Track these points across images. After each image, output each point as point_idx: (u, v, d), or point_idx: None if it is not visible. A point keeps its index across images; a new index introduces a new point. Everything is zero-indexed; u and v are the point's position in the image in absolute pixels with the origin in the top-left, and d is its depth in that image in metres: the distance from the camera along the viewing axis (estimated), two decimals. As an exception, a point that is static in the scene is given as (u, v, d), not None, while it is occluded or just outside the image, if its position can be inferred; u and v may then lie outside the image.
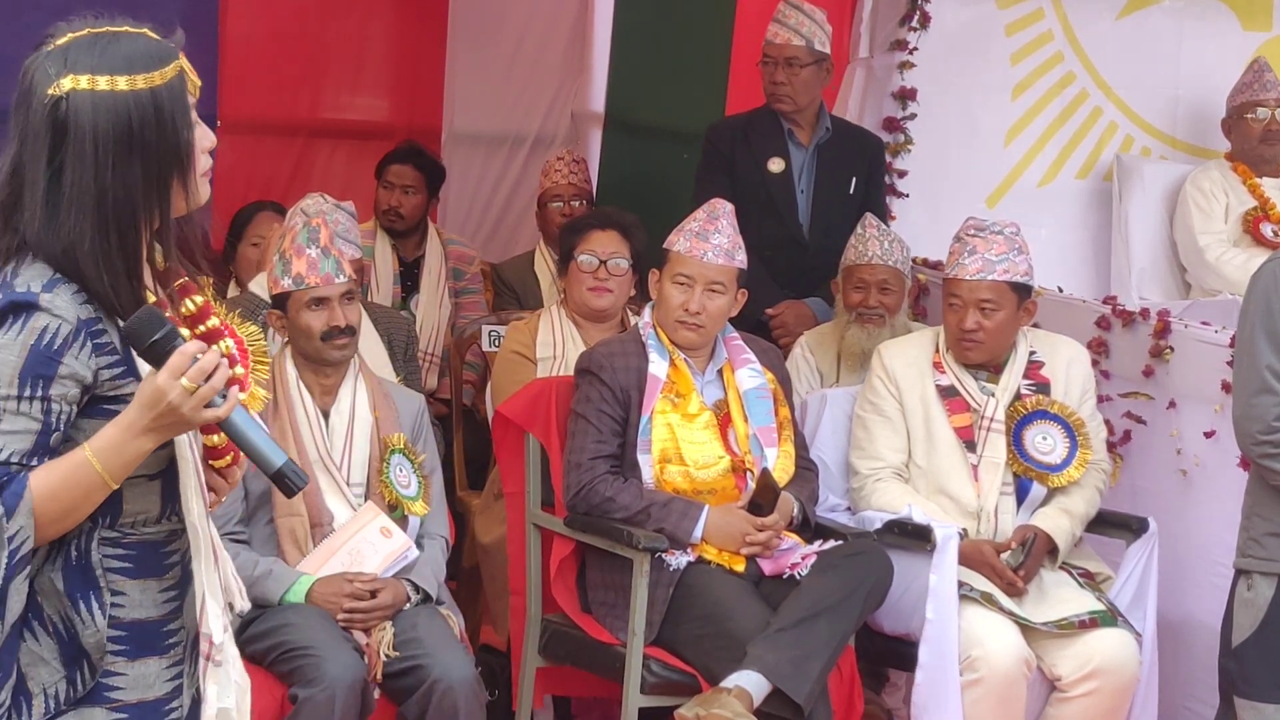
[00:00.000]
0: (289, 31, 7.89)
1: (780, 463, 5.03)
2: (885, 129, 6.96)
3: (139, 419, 2.51)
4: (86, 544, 2.59)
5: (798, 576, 4.86)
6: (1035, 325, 5.40)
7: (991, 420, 5.16)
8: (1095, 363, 5.57)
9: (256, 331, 2.78)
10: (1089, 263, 7.34)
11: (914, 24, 6.94)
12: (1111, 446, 5.51)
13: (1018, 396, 5.20)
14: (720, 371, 5.14)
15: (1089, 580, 5.12)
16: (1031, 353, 5.26)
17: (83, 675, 2.59)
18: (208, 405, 2.51)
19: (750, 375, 5.12)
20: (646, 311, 5.20)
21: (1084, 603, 5.02)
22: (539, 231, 7.08)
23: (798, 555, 4.91)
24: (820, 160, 6.39)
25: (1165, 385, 5.53)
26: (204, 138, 2.65)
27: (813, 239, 6.35)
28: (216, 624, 2.65)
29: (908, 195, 6.96)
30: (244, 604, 2.79)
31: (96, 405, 2.57)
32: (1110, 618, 4.98)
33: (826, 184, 6.37)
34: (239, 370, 2.66)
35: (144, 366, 2.55)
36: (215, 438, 2.65)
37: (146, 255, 2.64)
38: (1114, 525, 5.24)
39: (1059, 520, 5.10)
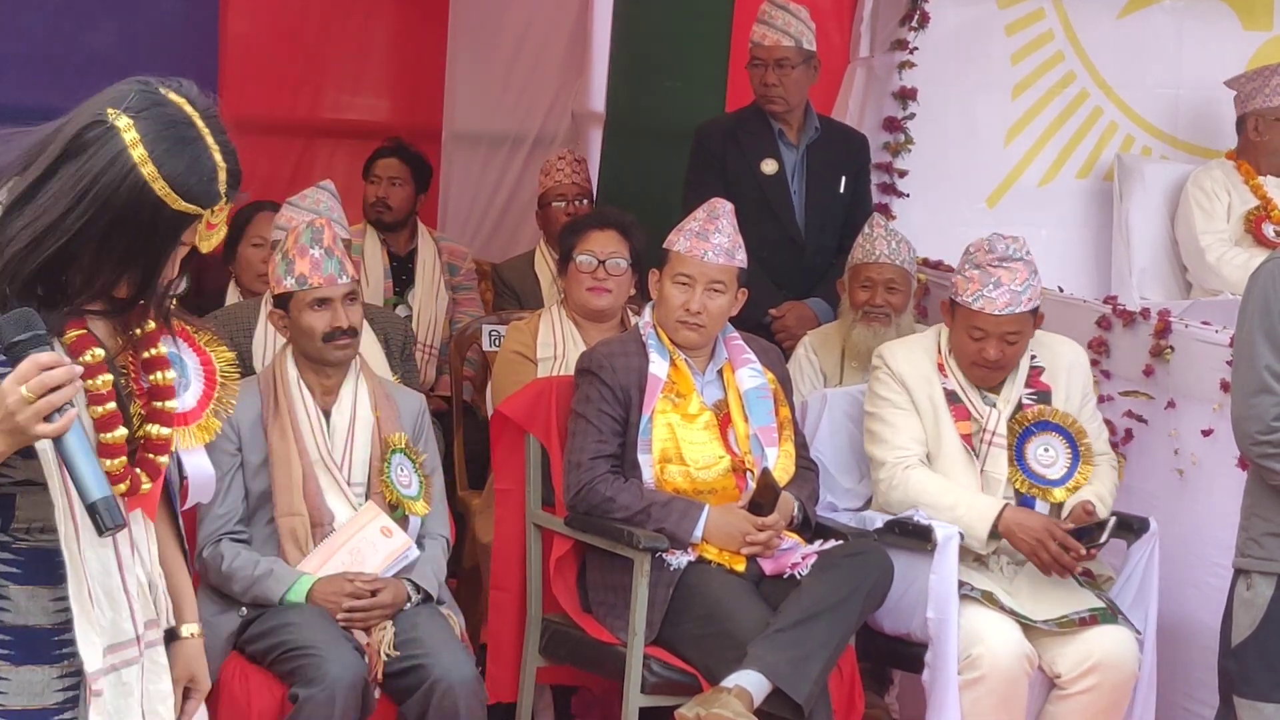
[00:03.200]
0: (289, 31, 7.91)
1: (781, 462, 5.03)
2: (886, 129, 6.96)
3: None
4: None
5: (798, 576, 4.86)
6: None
7: (993, 434, 5.11)
8: (1095, 362, 5.57)
9: (232, 361, 2.76)
10: (1089, 262, 7.34)
11: (914, 24, 6.94)
12: (1113, 446, 5.51)
13: (1019, 407, 5.16)
14: (720, 371, 5.14)
15: (1089, 580, 5.11)
16: (1032, 357, 5.22)
17: None
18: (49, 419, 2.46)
19: (751, 375, 5.12)
20: (647, 311, 5.20)
21: (1084, 600, 5.01)
22: (540, 231, 7.08)
23: (798, 555, 4.91)
24: (811, 160, 6.39)
25: (1165, 385, 5.53)
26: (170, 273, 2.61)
27: (809, 239, 6.36)
28: (90, 652, 2.58)
29: (908, 195, 6.97)
30: (170, 623, 2.75)
31: None
32: (1110, 615, 4.98)
33: (818, 184, 6.38)
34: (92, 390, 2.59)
35: None
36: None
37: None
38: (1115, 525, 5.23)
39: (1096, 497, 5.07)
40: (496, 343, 6.02)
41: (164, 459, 2.66)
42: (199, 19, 7.68)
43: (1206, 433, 5.33)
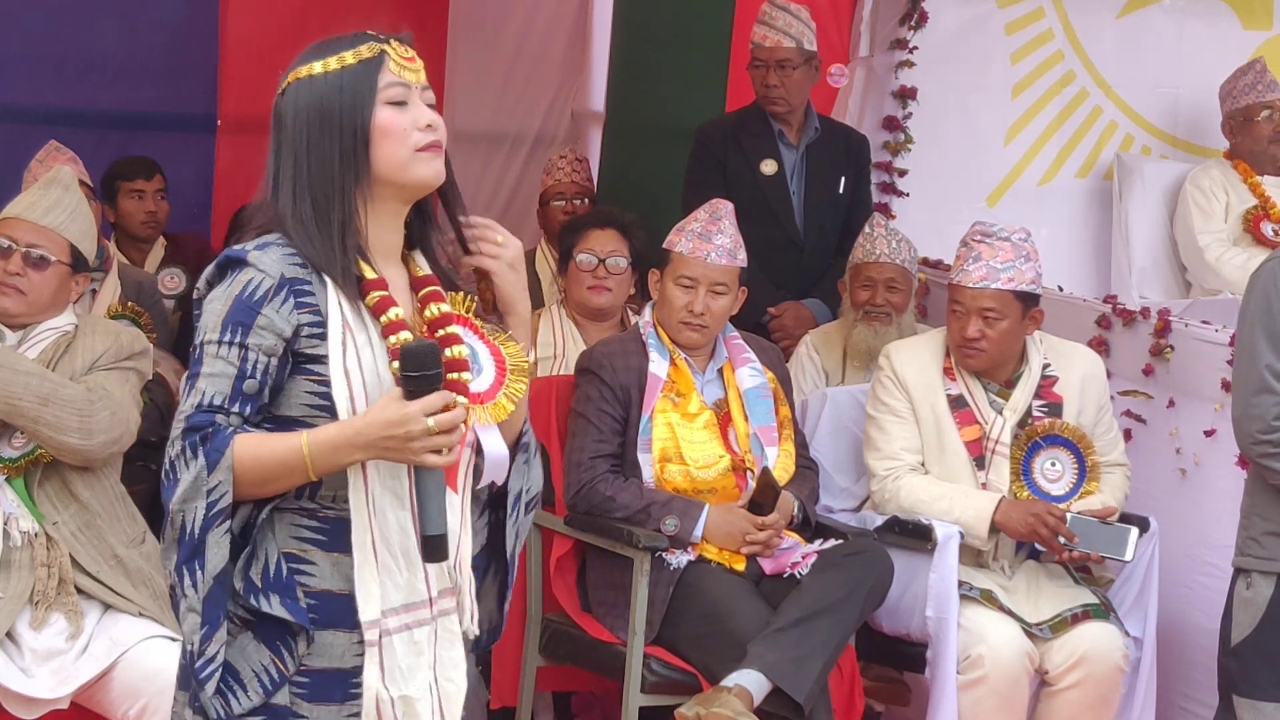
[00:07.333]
0: (289, 31, 7.88)
1: (780, 462, 5.03)
2: (885, 128, 6.97)
3: (365, 432, 2.64)
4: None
5: (798, 575, 4.86)
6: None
7: (997, 443, 5.08)
8: (1096, 364, 5.57)
9: (519, 351, 2.88)
10: (1089, 261, 7.35)
11: (913, 23, 6.95)
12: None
13: (1028, 414, 5.11)
14: (720, 371, 5.14)
15: (1088, 577, 5.10)
16: (1045, 365, 5.16)
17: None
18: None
19: (750, 374, 5.12)
20: (647, 310, 5.20)
21: (1079, 597, 5.01)
22: (540, 230, 7.08)
23: (798, 554, 4.91)
24: (810, 161, 6.38)
25: (1165, 384, 5.53)
26: (416, 117, 2.86)
27: (808, 239, 6.35)
28: (367, 603, 2.70)
29: (908, 194, 6.97)
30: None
31: (298, 365, 2.70)
32: (1103, 611, 4.97)
33: (818, 184, 6.38)
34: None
35: (336, 336, 2.68)
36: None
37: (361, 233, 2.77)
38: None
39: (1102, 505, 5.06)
40: (496, 342, 6.01)
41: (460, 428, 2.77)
42: (199, 19, 7.67)
43: (1208, 433, 5.33)
